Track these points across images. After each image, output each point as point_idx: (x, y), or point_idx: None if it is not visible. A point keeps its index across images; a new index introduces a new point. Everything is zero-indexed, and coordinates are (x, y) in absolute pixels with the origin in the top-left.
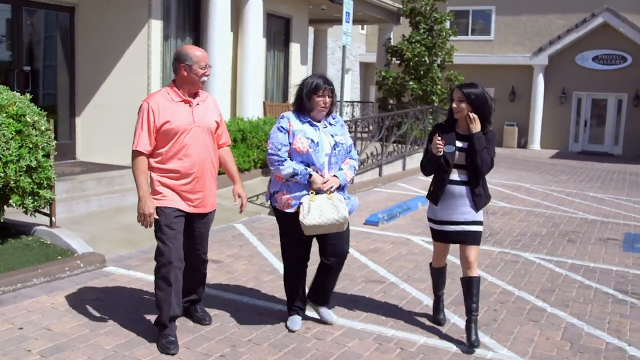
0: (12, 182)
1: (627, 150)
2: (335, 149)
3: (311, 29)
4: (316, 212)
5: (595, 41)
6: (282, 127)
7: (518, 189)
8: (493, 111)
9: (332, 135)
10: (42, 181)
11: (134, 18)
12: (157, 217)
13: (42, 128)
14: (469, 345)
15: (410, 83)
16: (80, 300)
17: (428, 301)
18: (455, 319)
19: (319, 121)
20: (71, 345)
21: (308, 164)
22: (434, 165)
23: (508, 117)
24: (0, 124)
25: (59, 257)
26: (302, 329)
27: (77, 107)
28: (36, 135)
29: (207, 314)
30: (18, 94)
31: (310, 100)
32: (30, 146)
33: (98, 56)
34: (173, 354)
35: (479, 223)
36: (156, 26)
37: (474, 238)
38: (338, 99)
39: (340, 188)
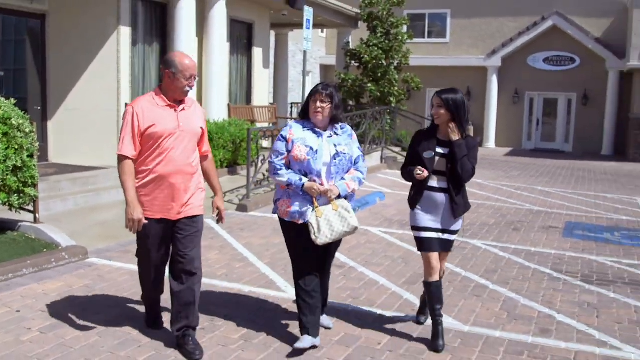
0: (2, 180)
1: (577, 148)
2: (335, 159)
3: (272, 33)
4: (327, 229)
5: (546, 43)
6: (282, 135)
7: (470, 184)
8: (469, 116)
9: (334, 145)
10: (27, 180)
11: (104, 25)
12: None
13: (27, 130)
14: (434, 348)
15: (369, 85)
16: (68, 287)
17: (384, 281)
18: (407, 295)
19: (324, 129)
20: (66, 323)
21: (306, 172)
22: (412, 174)
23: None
24: None
25: (45, 250)
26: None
27: (49, 110)
28: (21, 137)
29: (198, 346)
30: (3, 98)
31: (308, 105)
32: (16, 147)
33: (69, 61)
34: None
35: (456, 232)
36: (125, 32)
37: (450, 246)
38: (299, 100)
39: (344, 198)
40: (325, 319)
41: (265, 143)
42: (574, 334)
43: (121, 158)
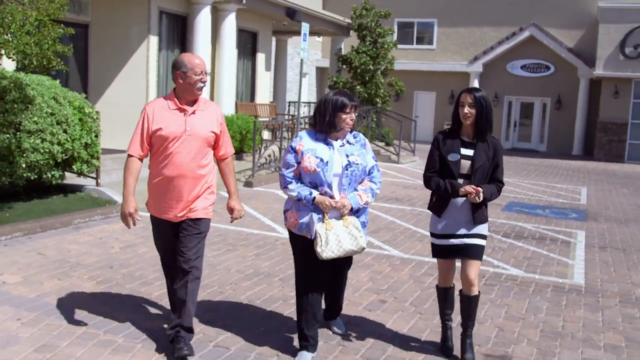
0: (76, 153)
1: (551, 148)
2: (347, 170)
3: (273, 39)
4: (334, 243)
5: (523, 52)
6: (291, 147)
7: None
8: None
9: (346, 155)
10: (93, 154)
11: (136, 33)
12: (139, 219)
13: (94, 117)
14: (445, 352)
15: (358, 87)
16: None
17: None
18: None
19: (336, 139)
20: (137, 245)
21: (317, 184)
22: (444, 193)
23: (448, 117)
24: (70, 114)
25: (107, 205)
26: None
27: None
28: (90, 122)
29: (185, 350)
30: (76, 93)
31: (337, 118)
32: (87, 129)
33: (107, 63)
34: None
35: (483, 237)
36: (153, 40)
37: (476, 252)
38: (296, 99)
39: (356, 211)
40: (337, 324)
41: (266, 135)
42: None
43: (128, 156)
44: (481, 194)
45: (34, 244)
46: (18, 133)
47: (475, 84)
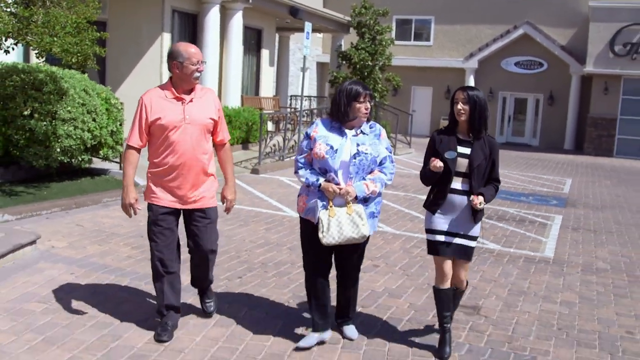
0: (103, 140)
1: (543, 142)
2: (355, 158)
3: (277, 36)
4: (335, 230)
5: (517, 49)
6: (307, 133)
7: None
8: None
9: (357, 144)
10: (118, 140)
11: (150, 31)
12: (148, 211)
13: (119, 107)
14: (439, 355)
15: None
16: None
17: None
18: None
19: (352, 128)
20: None
21: (325, 170)
22: (435, 177)
23: (444, 112)
24: (99, 104)
25: None
26: None
27: None
28: (116, 112)
29: (210, 305)
30: (103, 86)
31: (351, 107)
32: (113, 118)
33: (123, 58)
34: (163, 341)
35: (475, 238)
36: (167, 37)
37: (467, 254)
38: (297, 93)
39: (365, 200)
40: (348, 330)
41: (270, 127)
42: None
43: (127, 146)
44: (484, 203)
45: (72, 218)
46: (54, 121)
47: (471, 80)
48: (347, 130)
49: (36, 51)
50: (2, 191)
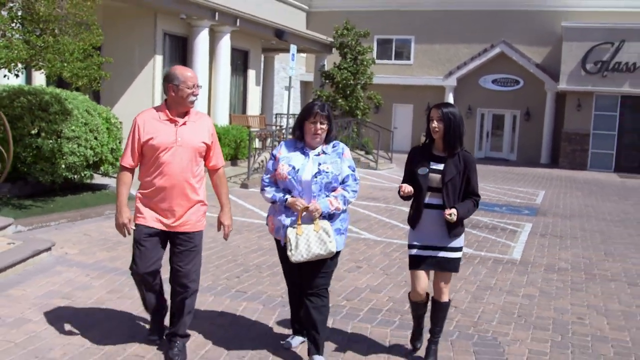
0: (104, 157)
1: (521, 157)
2: (316, 177)
3: (262, 56)
4: (304, 247)
5: (494, 67)
6: (272, 154)
7: None
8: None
9: (319, 164)
10: (118, 157)
11: (144, 53)
12: (134, 229)
13: (118, 126)
14: None
15: (340, 100)
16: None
17: None
18: None
19: (314, 148)
20: None
21: (289, 190)
22: (408, 196)
23: (424, 129)
24: (100, 123)
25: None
26: None
27: None
28: (115, 130)
29: (178, 354)
30: (102, 106)
31: (303, 126)
32: (113, 136)
33: (117, 80)
34: (153, 341)
35: (458, 249)
36: (159, 59)
37: (449, 266)
38: (281, 111)
39: (330, 217)
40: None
41: (257, 143)
42: None
43: (120, 167)
44: (454, 216)
45: (79, 228)
46: (59, 139)
47: (450, 97)
48: (309, 151)
49: (43, 74)
50: (12, 205)
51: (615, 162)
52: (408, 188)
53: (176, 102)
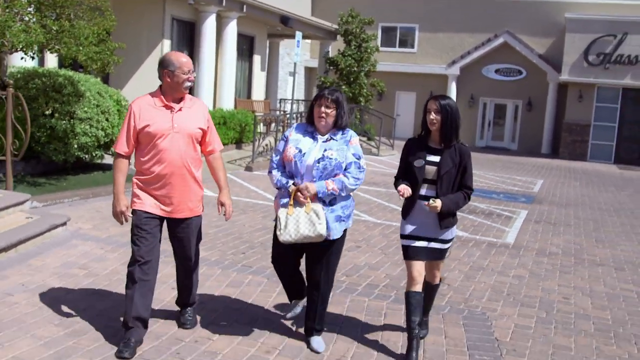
0: (114, 137)
1: (522, 146)
2: (319, 163)
3: (267, 42)
4: (292, 227)
5: (497, 57)
6: (284, 135)
7: None
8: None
9: (324, 149)
10: None
11: (152, 38)
12: (131, 216)
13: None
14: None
15: (343, 87)
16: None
17: None
18: None
19: (324, 134)
20: None
21: (292, 173)
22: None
23: None
24: (111, 105)
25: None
26: None
27: None
28: (125, 112)
29: (190, 320)
30: (113, 89)
31: (313, 110)
32: (123, 118)
33: (126, 64)
34: (125, 358)
35: (448, 241)
36: (167, 44)
37: (438, 256)
38: (285, 97)
39: (330, 204)
40: (314, 341)
41: (261, 128)
42: None
43: (116, 154)
44: (438, 208)
45: (91, 205)
46: (72, 120)
47: (453, 86)
48: (319, 136)
49: (56, 57)
50: (27, 182)
51: (615, 153)
52: (408, 192)
53: (171, 88)
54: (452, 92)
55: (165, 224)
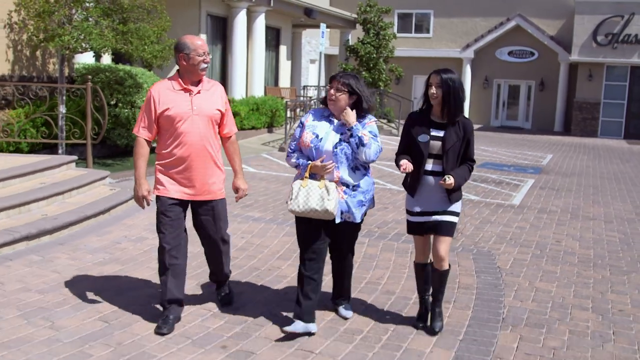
0: None
1: (535, 125)
2: (336, 148)
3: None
4: (302, 199)
5: (510, 39)
6: (301, 121)
7: None
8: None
9: (341, 134)
10: None
11: (190, 33)
12: (156, 202)
13: None
14: (431, 330)
15: (363, 73)
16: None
17: None
18: None
19: (339, 119)
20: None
21: (310, 158)
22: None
23: None
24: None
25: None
26: None
27: None
28: None
29: (227, 297)
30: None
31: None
32: None
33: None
34: (163, 334)
35: (455, 214)
36: (203, 37)
37: (446, 229)
38: (308, 83)
39: (353, 188)
40: (343, 310)
41: (289, 113)
42: None
43: (137, 140)
44: (453, 184)
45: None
46: (133, 108)
47: (468, 68)
48: (335, 120)
49: (110, 55)
50: (97, 163)
51: (624, 129)
52: (410, 167)
53: (188, 71)
54: (467, 75)
55: (190, 210)
